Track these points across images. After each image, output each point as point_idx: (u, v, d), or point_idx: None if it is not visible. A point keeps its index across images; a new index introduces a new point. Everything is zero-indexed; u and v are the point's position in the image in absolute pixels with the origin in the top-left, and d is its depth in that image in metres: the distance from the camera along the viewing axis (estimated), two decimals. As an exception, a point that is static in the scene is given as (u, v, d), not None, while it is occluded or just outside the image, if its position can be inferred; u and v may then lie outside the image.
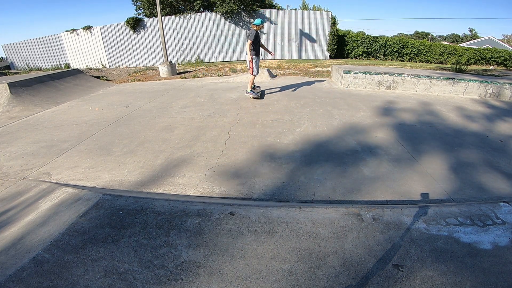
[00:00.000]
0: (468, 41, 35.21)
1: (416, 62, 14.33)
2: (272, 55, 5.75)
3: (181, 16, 13.54)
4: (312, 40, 14.15)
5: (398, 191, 2.40)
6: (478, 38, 36.05)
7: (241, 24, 13.77)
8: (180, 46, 13.93)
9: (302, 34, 13.97)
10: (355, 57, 14.90)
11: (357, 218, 1.80)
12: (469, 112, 4.72)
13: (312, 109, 4.67)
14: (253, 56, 5.11)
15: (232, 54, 14.24)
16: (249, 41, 4.96)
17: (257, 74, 5.37)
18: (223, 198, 2.31)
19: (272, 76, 7.98)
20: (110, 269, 1.41)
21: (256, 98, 5.36)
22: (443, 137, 3.57)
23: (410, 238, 1.63)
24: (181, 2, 14.26)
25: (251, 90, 5.36)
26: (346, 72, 6.38)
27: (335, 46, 14.15)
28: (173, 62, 10.39)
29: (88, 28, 13.71)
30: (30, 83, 6.11)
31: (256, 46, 5.12)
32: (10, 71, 12.82)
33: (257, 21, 5.04)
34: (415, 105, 5.03)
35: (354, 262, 1.48)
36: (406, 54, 14.66)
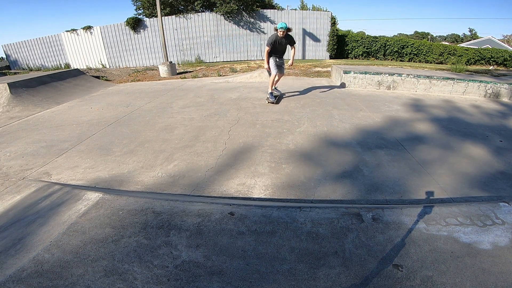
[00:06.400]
0: (468, 41, 35.21)
1: (416, 62, 14.34)
2: (289, 65, 5.21)
3: (181, 16, 13.55)
4: (312, 40, 14.16)
5: (398, 190, 2.40)
6: (478, 38, 36.06)
7: (242, 24, 13.78)
8: (180, 46, 13.94)
9: (302, 34, 13.97)
10: (355, 57, 14.91)
11: (357, 218, 1.80)
12: (469, 112, 4.72)
13: (312, 109, 4.67)
14: (270, 60, 4.90)
15: (232, 54, 14.25)
16: (267, 48, 4.77)
17: (274, 74, 4.96)
18: (223, 198, 2.31)
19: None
20: (110, 269, 1.41)
21: (272, 103, 5.03)
22: (443, 137, 3.57)
23: (410, 238, 1.63)
24: (181, 2, 14.25)
25: (270, 93, 5.05)
26: (346, 72, 6.38)
27: (335, 46, 14.16)
28: (173, 62, 10.39)
29: (88, 28, 13.72)
30: (30, 83, 6.11)
31: (274, 51, 4.85)
32: (10, 71, 12.82)
33: (279, 24, 4.61)
34: (415, 105, 5.03)
35: (354, 262, 1.48)
36: (406, 54, 14.67)
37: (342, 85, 6.46)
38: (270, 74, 5.03)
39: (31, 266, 1.41)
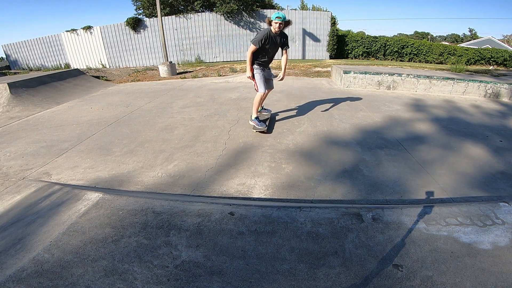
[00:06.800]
0: (468, 41, 35.19)
1: (416, 62, 14.34)
2: (279, 79, 3.68)
3: (181, 16, 13.55)
4: (312, 40, 14.17)
5: (398, 190, 2.40)
6: (478, 38, 36.05)
7: (242, 24, 13.79)
8: (180, 46, 13.94)
9: (302, 34, 13.98)
10: (355, 57, 14.91)
11: (357, 218, 1.80)
12: (469, 112, 4.72)
13: (312, 109, 4.67)
14: (254, 67, 3.48)
15: (232, 54, 14.25)
16: (252, 47, 3.30)
17: (264, 92, 3.56)
18: (223, 198, 2.31)
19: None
20: (110, 269, 1.41)
21: (262, 132, 3.59)
22: (443, 137, 3.57)
23: (410, 238, 1.63)
24: (181, 2, 14.25)
25: (256, 118, 3.62)
26: (346, 72, 6.38)
27: (335, 46, 14.17)
28: (173, 62, 10.39)
29: (88, 28, 13.72)
30: (30, 83, 6.10)
31: (262, 55, 3.41)
32: (10, 71, 12.82)
33: (275, 14, 3.18)
34: (415, 105, 5.03)
35: (354, 262, 1.48)
36: (406, 54, 14.67)
37: (342, 85, 6.46)
38: (258, 89, 3.54)
39: (31, 266, 1.41)
